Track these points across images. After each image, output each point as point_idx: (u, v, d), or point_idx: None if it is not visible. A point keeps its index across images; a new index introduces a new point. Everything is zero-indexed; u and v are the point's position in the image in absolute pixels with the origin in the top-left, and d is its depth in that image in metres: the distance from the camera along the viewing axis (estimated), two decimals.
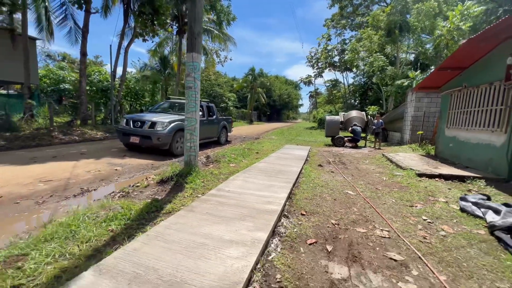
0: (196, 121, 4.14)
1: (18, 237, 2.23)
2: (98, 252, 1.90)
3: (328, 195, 3.68)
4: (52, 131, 10.01)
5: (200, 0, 3.93)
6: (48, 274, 1.61)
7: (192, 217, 2.46)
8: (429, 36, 13.11)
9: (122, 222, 2.39)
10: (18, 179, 4.05)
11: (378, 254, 2.16)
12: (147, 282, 1.50)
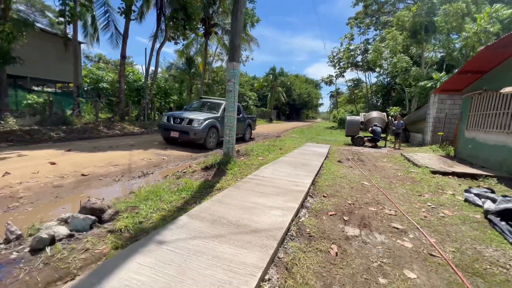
0: (234, 119, 4.96)
1: (119, 199, 3.16)
2: (180, 209, 2.75)
3: (346, 184, 4.34)
4: (98, 126, 11.45)
5: (241, 18, 4.73)
6: (156, 217, 2.48)
7: (239, 192, 3.27)
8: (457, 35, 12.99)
9: (189, 193, 3.26)
10: (93, 163, 5.13)
11: (384, 224, 2.82)
12: (222, 223, 2.31)
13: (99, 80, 19.31)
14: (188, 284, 1.48)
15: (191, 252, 1.81)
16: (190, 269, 1.62)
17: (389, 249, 2.27)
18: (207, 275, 1.57)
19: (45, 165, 4.69)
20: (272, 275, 1.74)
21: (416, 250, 2.30)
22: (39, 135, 8.51)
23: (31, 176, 4.01)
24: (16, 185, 3.60)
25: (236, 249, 1.89)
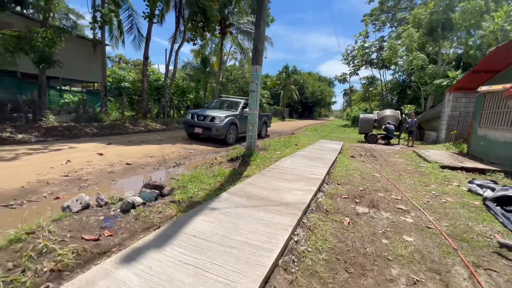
0: (256, 116, 5.55)
1: (167, 182, 3.83)
2: (219, 189, 3.38)
3: (358, 175, 4.83)
4: (124, 123, 12.42)
5: (263, 26, 5.29)
6: (202, 194, 3.12)
7: (265, 178, 3.86)
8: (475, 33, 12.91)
9: (223, 178, 3.89)
10: (133, 155, 5.89)
11: (390, 206, 3.33)
12: (256, 199, 2.91)
13: (121, 79, 20.54)
14: (241, 233, 2.09)
15: (237, 215, 2.42)
16: (239, 225, 2.23)
17: (393, 222, 2.79)
18: (253, 229, 2.17)
19: (94, 155, 5.49)
20: (299, 232, 2.32)
21: (415, 224, 2.80)
22: (76, 130, 9.48)
23: (87, 164, 4.79)
24: (79, 170, 4.38)
25: (270, 215, 2.48)
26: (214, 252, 1.78)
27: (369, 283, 1.74)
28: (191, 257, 1.72)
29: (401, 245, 2.29)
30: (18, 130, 8.15)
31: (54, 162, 4.72)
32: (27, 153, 5.32)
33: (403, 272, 1.90)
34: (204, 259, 1.70)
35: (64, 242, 1.82)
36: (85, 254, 1.74)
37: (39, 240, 1.75)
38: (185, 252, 1.77)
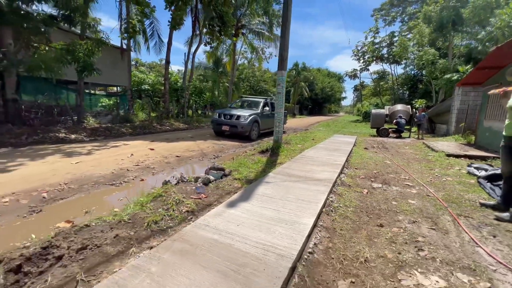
0: (282, 114, 6.51)
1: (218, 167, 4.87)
2: (263, 171, 4.38)
3: (372, 162, 5.74)
4: (152, 123, 13.65)
5: (288, 36, 6.23)
6: (252, 175, 4.14)
7: (296, 164, 4.84)
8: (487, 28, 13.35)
9: (262, 164, 4.90)
10: (176, 149, 6.99)
11: (399, 183, 4.24)
12: (296, 176, 3.91)
13: (141, 82, 21.92)
14: (294, 194, 3.09)
15: (286, 186, 3.42)
16: (290, 190, 3.23)
17: (400, 192, 3.72)
18: (301, 193, 3.17)
19: (147, 150, 6.62)
20: (332, 196, 3.30)
21: (418, 193, 3.72)
22: (114, 130, 10.73)
23: (146, 157, 5.90)
24: (144, 161, 5.49)
25: (309, 185, 3.47)
26: (280, 203, 2.79)
27: (383, 222, 2.69)
28: (267, 204, 2.73)
29: (406, 205, 3.22)
30: (69, 131, 9.44)
31: (121, 155, 5.87)
32: (95, 149, 6.51)
33: (406, 217, 2.84)
34: (276, 206, 2.71)
35: (184, 198, 2.87)
36: (200, 204, 2.79)
37: (172, 196, 2.81)
38: (262, 203, 2.78)
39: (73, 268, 1.69)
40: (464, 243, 2.32)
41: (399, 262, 1.97)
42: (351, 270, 1.85)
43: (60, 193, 3.53)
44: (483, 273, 1.86)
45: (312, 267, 1.86)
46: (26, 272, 1.67)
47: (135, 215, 2.43)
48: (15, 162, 4.85)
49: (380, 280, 1.75)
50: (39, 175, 4.14)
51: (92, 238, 2.02)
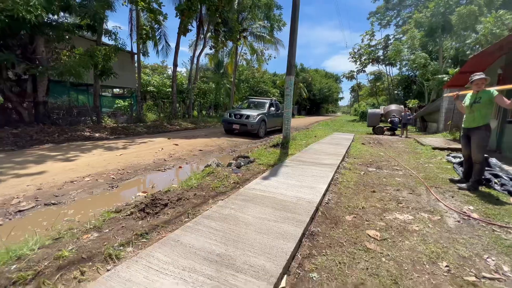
0: (290, 113, 7.54)
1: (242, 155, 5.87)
2: (279, 159, 5.41)
3: (367, 154, 6.80)
4: (162, 123, 14.60)
5: (295, 44, 7.28)
6: (272, 161, 5.16)
7: (306, 154, 5.88)
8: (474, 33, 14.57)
9: (277, 155, 5.92)
10: (197, 145, 7.98)
11: (389, 167, 5.30)
12: (307, 162, 4.95)
13: (147, 84, 22.82)
14: (309, 173, 4.13)
15: (301, 168, 4.46)
16: (305, 170, 4.27)
17: (390, 173, 4.77)
18: (314, 172, 4.21)
19: (172, 145, 7.60)
20: (336, 175, 4.34)
21: (403, 174, 4.77)
22: (131, 129, 11.67)
23: (174, 151, 6.89)
24: (174, 154, 6.48)
25: (319, 168, 4.51)
26: (299, 178, 3.82)
27: (375, 190, 3.73)
28: (290, 178, 3.76)
29: (393, 181, 4.28)
30: (92, 130, 10.37)
31: (152, 149, 6.85)
32: (128, 144, 7.48)
33: (392, 188, 3.89)
34: (297, 179, 3.74)
35: (228, 175, 3.89)
36: (241, 179, 3.81)
37: (221, 173, 3.83)
38: (286, 178, 3.81)
39: (179, 208, 2.71)
40: (430, 200, 3.37)
41: (384, 208, 3.02)
42: (353, 211, 2.89)
43: (122, 175, 4.52)
44: (438, 213, 2.91)
45: (328, 209, 2.89)
46: (148, 212, 2.67)
47: (200, 184, 3.45)
48: (70, 154, 5.82)
49: (371, 216, 2.78)
50: (97, 163, 5.12)
51: (179, 195, 3.03)
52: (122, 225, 2.33)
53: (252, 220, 2.34)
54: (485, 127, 3.71)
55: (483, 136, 3.69)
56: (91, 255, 1.81)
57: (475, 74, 3.83)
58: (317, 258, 1.97)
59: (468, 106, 3.92)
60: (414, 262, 1.96)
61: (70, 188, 3.74)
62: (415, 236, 2.37)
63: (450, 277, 1.80)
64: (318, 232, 2.37)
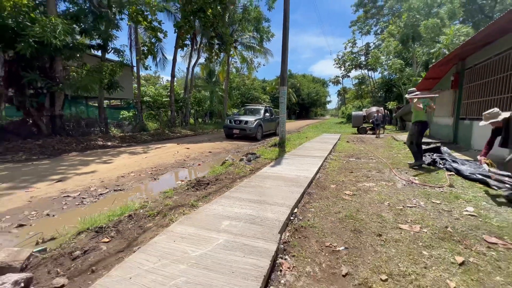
0: (285, 118, 8.95)
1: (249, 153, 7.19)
2: (279, 156, 6.77)
3: (350, 149, 8.28)
4: (164, 131, 15.71)
5: (286, 60, 8.75)
6: (273, 156, 6.52)
7: (300, 150, 7.29)
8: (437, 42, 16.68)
9: (277, 152, 7.29)
10: (204, 148, 9.24)
11: (366, 158, 6.77)
12: (301, 155, 6.35)
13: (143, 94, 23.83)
14: (303, 162, 5.52)
15: (298, 159, 5.85)
16: (301, 161, 5.66)
17: (366, 161, 6.23)
18: (307, 161, 5.61)
19: (184, 149, 8.83)
20: (324, 163, 5.75)
21: (376, 161, 6.24)
22: (138, 138, 12.76)
23: (188, 153, 8.12)
24: (190, 155, 7.72)
25: (311, 159, 5.92)
26: (297, 165, 5.20)
27: (352, 171, 5.14)
28: (290, 166, 5.13)
29: (367, 166, 5.72)
30: (104, 139, 11.41)
31: (169, 152, 8.06)
32: (146, 149, 8.65)
33: (365, 170, 5.31)
34: (295, 166, 5.12)
35: (246, 164, 5.21)
36: (254, 168, 5.14)
37: (238, 165, 5.15)
38: (288, 166, 5.18)
39: (219, 185, 4.01)
40: (390, 175, 4.82)
41: (357, 181, 4.42)
42: (336, 182, 4.28)
43: (157, 171, 5.74)
44: (392, 181, 4.35)
45: (318, 182, 4.27)
46: (198, 188, 3.95)
47: (226, 171, 4.76)
48: (104, 158, 6.97)
49: (348, 185, 4.17)
50: (131, 164, 6.31)
51: (215, 178, 4.33)
52: (187, 194, 3.61)
53: (271, 186, 3.69)
54: (415, 123, 5.33)
55: (413, 129, 5.31)
56: (190, 204, 3.09)
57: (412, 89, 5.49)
58: (312, 203, 3.33)
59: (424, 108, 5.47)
60: (370, 203, 3.35)
61: (124, 180, 4.94)
62: (374, 193, 3.77)
63: (389, 208, 3.20)
64: (313, 192, 3.74)
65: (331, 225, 2.71)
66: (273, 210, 2.80)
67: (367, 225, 2.68)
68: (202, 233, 2.23)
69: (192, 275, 1.66)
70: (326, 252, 2.19)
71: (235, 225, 2.39)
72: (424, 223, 2.72)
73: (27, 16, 8.37)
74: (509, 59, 5.87)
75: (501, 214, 2.94)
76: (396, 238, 2.41)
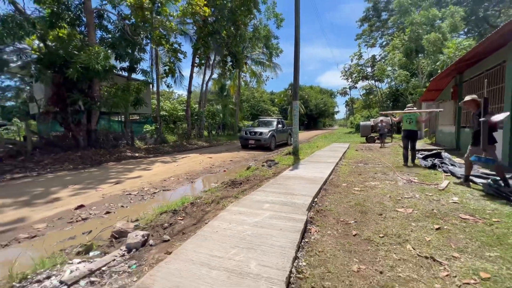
0: (298, 129, 9.92)
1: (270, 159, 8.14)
2: (295, 162, 7.69)
3: (359, 156, 9.11)
4: (182, 142, 16.92)
5: (298, 78, 9.83)
6: (290, 163, 7.44)
7: (313, 158, 8.19)
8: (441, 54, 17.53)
9: (292, 159, 8.21)
10: (224, 158, 10.25)
11: (373, 163, 7.61)
12: (316, 162, 7.26)
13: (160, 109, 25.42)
14: (317, 167, 6.43)
15: (313, 164, 6.77)
16: (315, 165, 6.57)
17: (372, 166, 7.07)
18: (321, 165, 6.52)
19: (207, 158, 9.86)
20: (336, 167, 6.64)
21: (382, 166, 7.07)
22: (160, 150, 13.94)
23: (212, 162, 9.14)
24: (214, 163, 8.73)
25: (324, 164, 6.82)
26: (312, 169, 6.11)
27: (361, 174, 6.00)
28: (306, 169, 6.04)
29: (373, 169, 6.56)
30: (131, 151, 12.63)
31: (195, 161, 9.11)
32: (174, 159, 9.74)
33: (372, 173, 6.16)
34: (311, 169, 6.03)
35: (267, 169, 6.16)
36: (276, 171, 6.08)
37: (262, 169, 6.11)
38: (304, 169, 6.10)
39: (250, 184, 4.96)
40: (393, 176, 5.65)
41: (364, 180, 5.28)
42: (346, 182, 5.15)
43: (191, 176, 6.75)
44: (394, 181, 5.19)
45: (332, 181, 5.16)
46: (233, 186, 4.91)
47: (253, 174, 5.72)
48: (142, 166, 8.07)
49: (357, 183, 5.04)
50: (167, 171, 7.35)
51: (246, 179, 5.29)
52: (227, 190, 4.58)
53: (293, 184, 4.62)
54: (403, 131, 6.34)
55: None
56: (234, 196, 4.06)
57: (409, 105, 6.46)
58: (328, 196, 4.22)
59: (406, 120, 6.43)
60: (375, 195, 4.22)
61: (167, 183, 5.96)
62: (378, 189, 4.63)
63: (389, 198, 4.06)
64: (327, 188, 4.64)
65: (344, 209, 3.60)
66: (299, 198, 3.73)
67: (371, 209, 3.56)
68: (252, 211, 3.18)
69: (255, 231, 2.60)
70: (341, 224, 3.08)
71: (273, 206, 3.33)
72: (416, 208, 3.57)
73: (75, 45, 9.85)
74: (497, 74, 6.72)
75: (479, 202, 3.76)
76: (393, 216, 3.28)
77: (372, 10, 33.91)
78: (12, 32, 8.28)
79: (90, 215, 3.86)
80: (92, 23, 10.86)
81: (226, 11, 16.22)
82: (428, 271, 2.07)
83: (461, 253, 2.34)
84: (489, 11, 28.28)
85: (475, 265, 2.14)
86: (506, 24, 4.91)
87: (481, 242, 2.53)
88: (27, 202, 4.43)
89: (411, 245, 2.50)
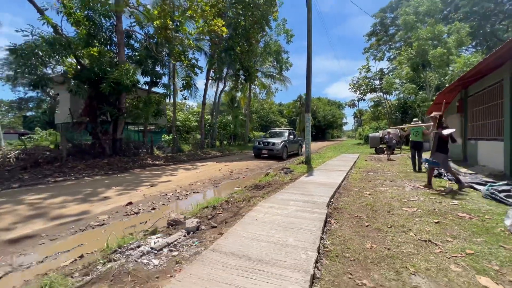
0: (310, 139, 10.60)
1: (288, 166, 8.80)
2: (308, 171, 8.32)
3: (368, 165, 9.67)
4: (197, 152, 17.77)
5: (310, 92, 10.61)
6: (304, 171, 8.09)
7: (325, 166, 8.82)
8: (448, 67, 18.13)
9: (305, 168, 8.86)
10: (240, 166, 10.96)
11: (382, 172, 8.17)
12: (328, 170, 7.89)
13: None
14: (330, 174, 7.06)
15: (325, 173, 7.40)
16: (328, 174, 7.21)
17: (381, 175, 7.64)
18: (334, 173, 7.14)
19: (224, 166, 10.60)
20: (347, 175, 7.24)
21: (390, 175, 7.63)
22: (177, 158, 14.78)
23: (229, 170, 9.86)
24: (231, 171, 9.44)
25: (336, 172, 7.45)
26: (325, 176, 6.74)
27: (371, 180, 6.59)
28: (320, 177, 6.68)
29: (383, 177, 7.13)
30: (152, 159, 13.51)
31: (214, 169, 9.85)
32: (194, 166, 10.52)
33: (381, 180, 6.74)
34: (324, 177, 6.67)
35: (284, 175, 6.83)
36: (293, 178, 6.74)
37: (280, 175, 6.78)
38: (318, 176, 6.74)
39: (271, 187, 5.64)
40: (401, 183, 6.22)
41: (374, 186, 5.88)
42: (358, 187, 5.76)
43: (214, 181, 7.47)
44: (402, 187, 5.77)
45: (344, 186, 5.78)
46: (257, 189, 5.59)
47: (273, 179, 6.39)
48: (168, 172, 8.86)
49: (367, 189, 5.65)
50: (191, 176, 8.10)
51: (267, 183, 5.97)
52: (252, 192, 5.27)
53: (311, 187, 5.27)
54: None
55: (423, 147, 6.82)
56: (261, 196, 4.74)
57: (414, 119, 7.15)
58: (342, 198, 4.85)
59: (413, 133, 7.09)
60: (384, 198, 4.82)
61: (195, 187, 6.69)
62: (387, 193, 5.22)
63: (397, 200, 4.66)
64: (341, 192, 5.27)
65: (357, 208, 4.23)
66: (318, 198, 4.38)
67: (380, 208, 4.17)
68: (280, 205, 3.86)
69: (286, 219, 3.27)
70: (355, 218, 3.71)
71: (297, 203, 4.00)
72: (420, 208, 4.17)
73: (106, 63, 10.98)
74: (497, 91, 7.31)
75: (476, 204, 4.32)
76: (399, 213, 3.89)
77: (379, 25, 35.00)
78: (57, 52, 9.44)
79: (140, 210, 4.61)
80: (122, 43, 12.06)
81: (240, 30, 17.43)
82: (426, 249, 2.69)
83: (454, 238, 2.94)
84: (496, 26, 28.88)
85: (464, 246, 2.74)
86: (500, 48, 5.58)
87: (472, 232, 3.12)
88: (84, 199, 5.22)
89: (413, 233, 3.11)
